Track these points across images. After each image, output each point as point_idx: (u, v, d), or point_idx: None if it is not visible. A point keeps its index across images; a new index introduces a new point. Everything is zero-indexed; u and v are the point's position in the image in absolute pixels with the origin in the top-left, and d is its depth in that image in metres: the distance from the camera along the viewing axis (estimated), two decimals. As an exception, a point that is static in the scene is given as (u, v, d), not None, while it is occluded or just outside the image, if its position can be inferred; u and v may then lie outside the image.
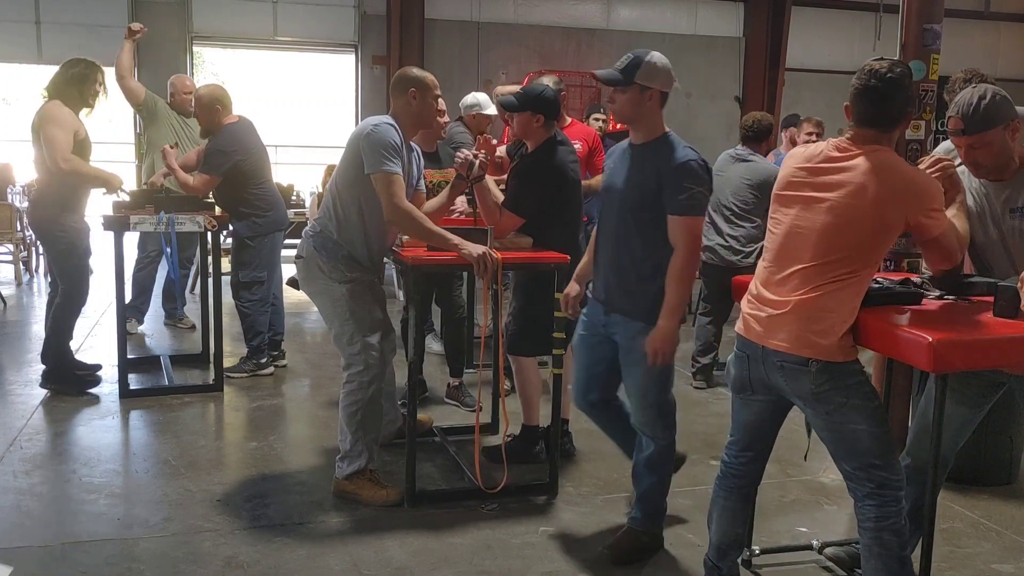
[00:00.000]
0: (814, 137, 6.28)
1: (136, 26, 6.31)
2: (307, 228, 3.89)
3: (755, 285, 2.74)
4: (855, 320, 2.57)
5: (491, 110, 5.65)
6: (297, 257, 3.86)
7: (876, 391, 2.73)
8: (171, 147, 5.59)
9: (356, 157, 3.63)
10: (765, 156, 5.70)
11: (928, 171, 2.73)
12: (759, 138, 5.57)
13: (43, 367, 5.28)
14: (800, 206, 2.62)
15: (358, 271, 3.74)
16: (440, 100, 4.41)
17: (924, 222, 2.54)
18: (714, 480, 2.99)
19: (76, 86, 5.12)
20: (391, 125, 3.65)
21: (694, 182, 3.07)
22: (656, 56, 3.15)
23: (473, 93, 5.81)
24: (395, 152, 3.59)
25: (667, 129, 3.21)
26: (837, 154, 2.58)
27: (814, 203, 2.58)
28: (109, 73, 5.52)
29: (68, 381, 5.24)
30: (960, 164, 2.91)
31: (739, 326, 2.78)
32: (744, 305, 2.79)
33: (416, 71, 3.82)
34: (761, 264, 2.76)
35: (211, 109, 5.35)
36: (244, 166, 5.35)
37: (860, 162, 2.53)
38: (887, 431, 2.62)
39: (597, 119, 7.28)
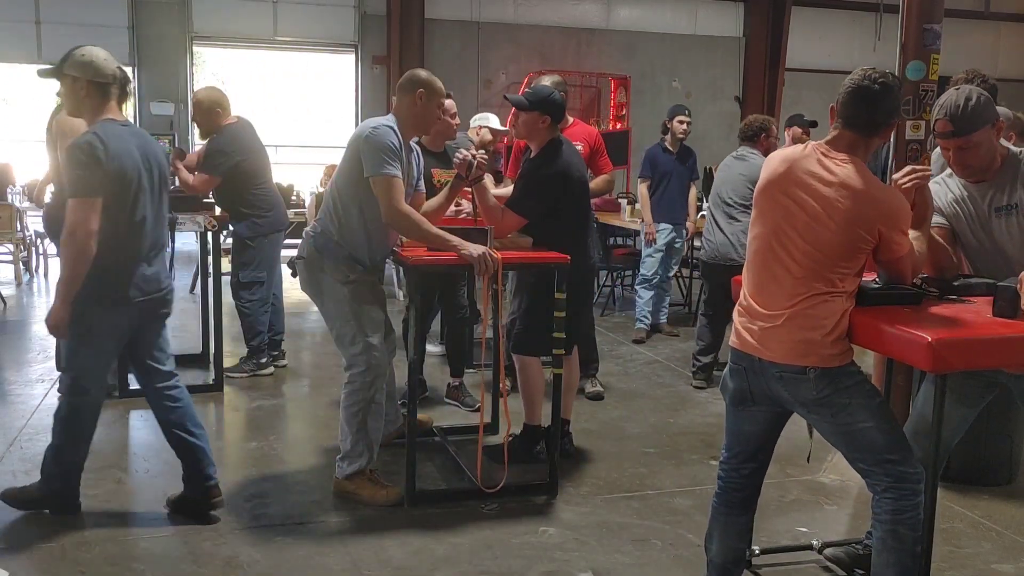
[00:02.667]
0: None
1: None
2: (308, 229, 3.89)
3: (744, 296, 2.72)
4: (852, 322, 2.56)
5: (493, 124, 5.75)
6: (298, 258, 3.85)
7: (877, 389, 2.72)
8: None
9: (356, 159, 3.63)
10: (765, 155, 5.77)
11: (903, 180, 2.71)
12: (751, 137, 5.88)
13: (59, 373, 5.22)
14: (780, 216, 2.60)
15: (359, 272, 3.74)
16: (451, 103, 4.44)
17: (889, 241, 2.55)
18: (711, 500, 2.94)
19: None
20: (390, 127, 3.65)
21: (74, 164, 3.12)
22: (87, 48, 3.30)
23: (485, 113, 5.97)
24: (394, 155, 3.59)
25: (105, 117, 3.26)
26: (818, 169, 2.56)
27: (792, 217, 2.58)
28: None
29: None
30: (945, 170, 2.90)
31: (732, 339, 2.75)
32: (736, 316, 2.76)
33: (428, 74, 3.81)
34: (746, 272, 2.75)
35: (211, 112, 5.35)
36: (244, 166, 5.36)
37: (836, 180, 2.52)
38: (895, 426, 2.61)
39: (683, 121, 7.14)
